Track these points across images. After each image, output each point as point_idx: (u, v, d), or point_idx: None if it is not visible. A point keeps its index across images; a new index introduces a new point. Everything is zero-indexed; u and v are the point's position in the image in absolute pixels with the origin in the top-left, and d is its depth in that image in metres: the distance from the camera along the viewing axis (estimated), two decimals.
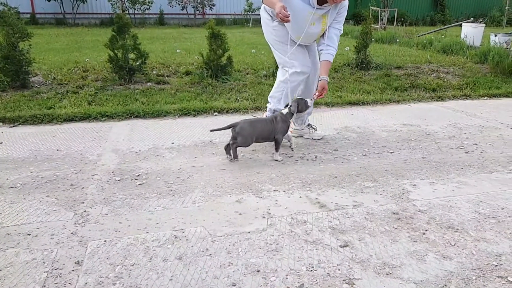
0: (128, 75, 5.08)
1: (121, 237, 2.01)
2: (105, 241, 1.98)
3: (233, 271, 1.76)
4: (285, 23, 2.96)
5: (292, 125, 3.33)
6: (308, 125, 3.54)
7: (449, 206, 2.34)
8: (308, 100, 3.13)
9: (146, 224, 2.13)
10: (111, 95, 4.65)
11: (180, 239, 1.99)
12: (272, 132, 2.98)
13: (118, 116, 4.05)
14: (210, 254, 1.87)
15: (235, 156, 2.98)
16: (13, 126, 3.77)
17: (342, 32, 3.21)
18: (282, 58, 3.22)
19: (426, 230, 2.08)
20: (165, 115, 4.14)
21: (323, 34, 3.15)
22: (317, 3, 2.92)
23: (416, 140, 3.51)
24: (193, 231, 2.06)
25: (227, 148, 3.01)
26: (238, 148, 2.99)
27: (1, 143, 3.33)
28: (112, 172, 2.77)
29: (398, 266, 1.79)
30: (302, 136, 3.54)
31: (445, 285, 1.68)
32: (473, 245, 1.96)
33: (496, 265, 1.81)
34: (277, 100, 3.35)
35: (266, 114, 3.50)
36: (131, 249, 1.91)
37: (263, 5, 3.16)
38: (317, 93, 3.14)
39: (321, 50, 3.16)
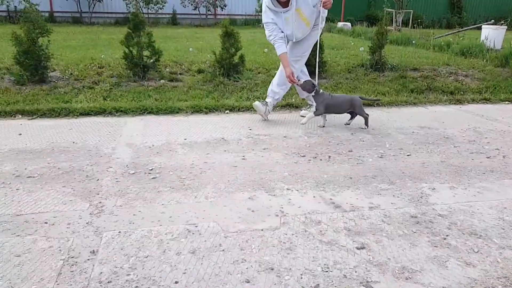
0: (142, 72, 5.09)
1: (135, 229, 1.99)
2: (119, 232, 1.97)
3: (247, 268, 1.72)
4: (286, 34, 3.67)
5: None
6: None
7: (471, 211, 2.27)
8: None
9: (159, 217, 2.11)
10: (126, 91, 4.66)
11: (193, 233, 1.97)
12: None
13: (132, 112, 4.05)
14: (223, 250, 1.84)
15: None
16: (32, 119, 3.82)
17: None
18: None
19: (447, 235, 2.02)
20: (177, 112, 4.14)
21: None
22: (282, 6, 3.49)
23: (434, 143, 3.43)
24: (206, 226, 2.03)
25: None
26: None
27: (20, 134, 3.36)
28: (126, 166, 2.77)
29: (418, 271, 1.74)
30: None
31: None
32: (498, 253, 1.89)
33: None
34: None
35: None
36: (145, 241, 1.89)
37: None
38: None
39: None
